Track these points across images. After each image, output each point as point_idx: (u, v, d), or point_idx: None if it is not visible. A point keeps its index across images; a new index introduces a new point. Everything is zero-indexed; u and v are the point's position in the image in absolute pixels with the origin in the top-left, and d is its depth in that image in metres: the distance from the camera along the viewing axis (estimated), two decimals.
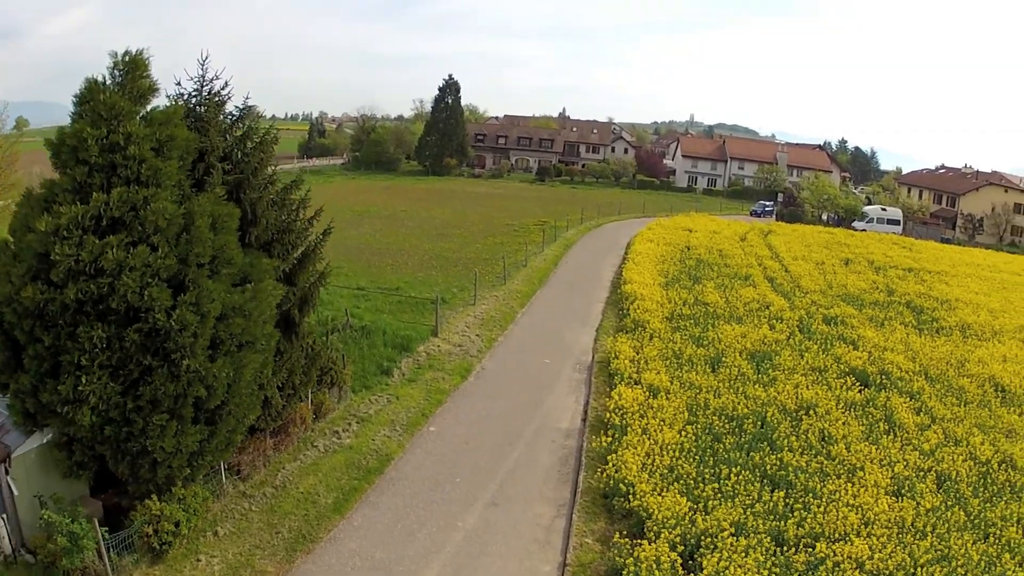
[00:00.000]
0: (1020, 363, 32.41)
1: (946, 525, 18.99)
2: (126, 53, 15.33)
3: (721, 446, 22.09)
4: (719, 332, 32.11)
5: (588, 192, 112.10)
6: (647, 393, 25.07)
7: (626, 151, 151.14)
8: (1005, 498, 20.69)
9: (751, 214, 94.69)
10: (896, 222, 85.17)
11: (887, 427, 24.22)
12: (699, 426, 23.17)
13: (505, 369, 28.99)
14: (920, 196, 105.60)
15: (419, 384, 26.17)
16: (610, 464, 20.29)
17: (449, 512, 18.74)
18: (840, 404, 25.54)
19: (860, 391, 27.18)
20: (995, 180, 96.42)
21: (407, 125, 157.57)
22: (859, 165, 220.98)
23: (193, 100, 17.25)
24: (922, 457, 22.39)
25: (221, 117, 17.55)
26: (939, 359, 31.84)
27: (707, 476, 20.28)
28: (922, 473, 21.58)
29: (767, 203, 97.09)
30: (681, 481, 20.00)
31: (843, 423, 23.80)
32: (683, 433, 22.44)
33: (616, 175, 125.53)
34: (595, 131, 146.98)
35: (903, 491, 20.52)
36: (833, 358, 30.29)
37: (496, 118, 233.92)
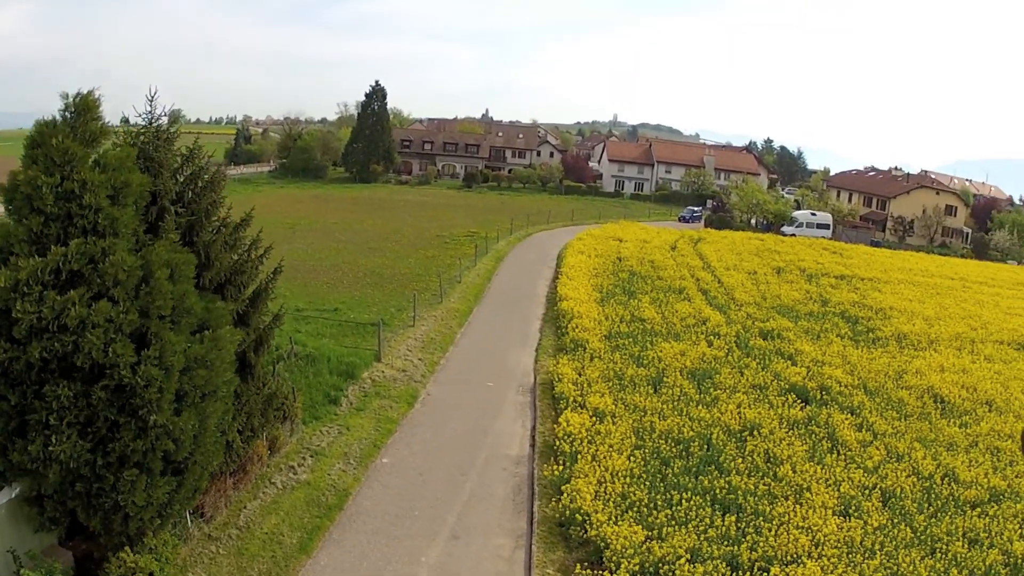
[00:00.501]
0: (957, 372, 33.59)
1: (894, 543, 19.62)
2: (77, 95, 15.01)
3: (670, 470, 22.44)
4: (658, 350, 32.57)
5: (516, 199, 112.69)
6: (593, 418, 25.33)
7: (552, 155, 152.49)
8: (949, 513, 21.45)
9: (680, 220, 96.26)
10: (826, 226, 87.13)
11: (830, 445, 24.88)
12: (647, 450, 23.50)
13: (450, 395, 29.02)
14: (850, 199, 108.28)
15: (368, 413, 26.04)
16: (565, 494, 20.49)
17: (412, 547, 18.74)
18: (783, 423, 26.15)
19: (801, 408, 27.89)
20: (926, 183, 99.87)
21: (333, 131, 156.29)
22: (785, 165, 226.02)
23: (141, 138, 16.92)
24: (866, 475, 23.06)
25: (170, 156, 17.25)
26: (877, 371, 32.82)
27: (659, 502, 20.57)
28: (867, 491, 22.24)
29: (695, 208, 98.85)
30: (635, 508, 20.28)
31: (787, 443, 24.37)
32: (632, 459, 22.74)
33: (543, 180, 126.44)
34: (521, 136, 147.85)
35: (850, 511, 21.13)
36: (772, 374, 31.01)
37: (421, 121, 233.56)
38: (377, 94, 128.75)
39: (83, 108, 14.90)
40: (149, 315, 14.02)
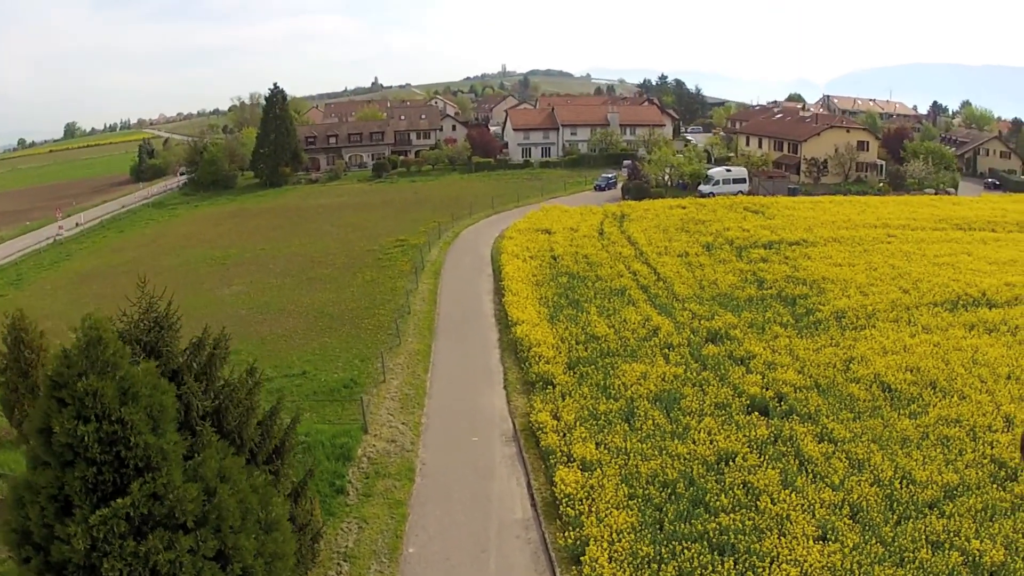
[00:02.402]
0: (899, 352, 36.05)
1: (869, 560, 21.80)
2: (88, 318, 15.38)
3: (665, 517, 24.26)
4: (620, 375, 34.31)
5: (430, 185, 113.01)
6: (583, 472, 26.94)
7: (454, 127, 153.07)
8: (911, 518, 23.74)
9: (596, 188, 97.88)
10: (742, 180, 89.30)
11: (798, 464, 27.00)
12: (640, 499, 25.26)
13: (443, 459, 30.21)
14: (760, 144, 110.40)
15: (376, 499, 27.13)
16: (585, 565, 22.09)
17: None
18: (752, 446, 28.16)
19: (766, 424, 29.95)
20: (836, 123, 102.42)
21: (237, 136, 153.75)
22: (685, 102, 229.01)
23: (147, 336, 17.53)
24: (834, 492, 25.20)
25: (180, 349, 17.93)
26: (824, 364, 35.06)
27: (665, 555, 22.39)
28: (838, 509, 24.40)
29: (609, 176, 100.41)
30: (646, 566, 22.03)
31: (761, 470, 26.34)
32: (629, 511, 24.48)
33: (451, 160, 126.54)
34: (423, 116, 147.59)
35: (827, 535, 23.23)
36: (731, 388, 32.99)
37: (316, 106, 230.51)
38: (277, 97, 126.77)
39: (96, 339, 15.29)
40: (221, 531, 14.93)
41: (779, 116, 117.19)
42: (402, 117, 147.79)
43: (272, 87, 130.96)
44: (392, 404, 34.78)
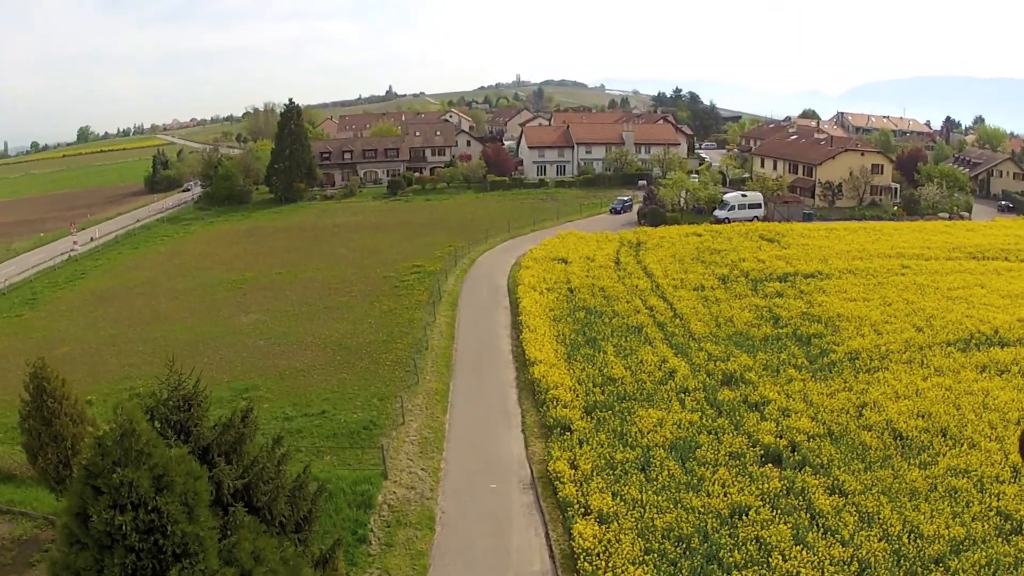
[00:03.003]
0: (911, 397, 36.81)
1: None
2: (121, 408, 16.04)
3: (679, 573, 24.99)
4: (637, 421, 35.04)
5: (445, 204, 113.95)
6: (600, 525, 27.68)
7: (469, 143, 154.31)
8: (917, 575, 24.43)
9: (611, 211, 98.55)
10: (757, 205, 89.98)
11: (809, 518, 27.67)
12: (655, 555, 25.97)
13: (463, 508, 30.98)
14: (775, 166, 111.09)
15: (398, 549, 27.91)
16: None
17: None
18: (765, 499, 28.84)
19: (779, 476, 30.61)
20: (851, 146, 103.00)
21: (252, 150, 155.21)
22: (700, 117, 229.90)
23: (177, 416, 18.29)
24: (843, 548, 25.87)
25: (211, 427, 18.73)
26: (838, 410, 35.83)
27: None
28: (846, 566, 25.06)
29: (624, 198, 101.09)
30: None
31: (774, 525, 27.01)
32: (645, 567, 25.20)
33: (467, 178, 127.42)
34: (438, 133, 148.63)
35: None
36: (746, 436, 33.68)
37: (331, 118, 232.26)
38: (293, 113, 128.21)
39: (129, 430, 15.99)
40: None
41: (794, 137, 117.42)
42: (417, 133, 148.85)
43: (287, 102, 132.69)
44: (411, 448, 35.57)
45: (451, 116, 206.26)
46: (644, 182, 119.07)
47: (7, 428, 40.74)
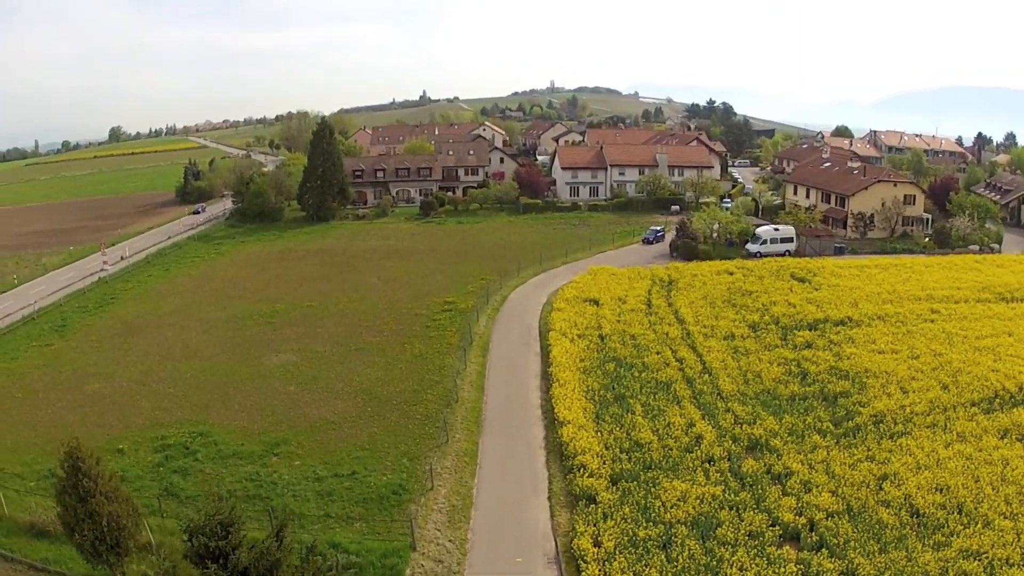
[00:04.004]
0: (931, 468, 37.90)
1: None
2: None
3: None
4: (662, 494, 36.28)
5: (477, 228, 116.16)
6: None
7: (502, 160, 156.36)
8: None
9: (643, 241, 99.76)
10: (789, 240, 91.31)
11: None
12: None
13: None
14: (808, 195, 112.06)
15: None
16: None
17: None
18: None
19: (795, 560, 31.73)
20: (883, 176, 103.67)
21: (284, 165, 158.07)
22: (733, 132, 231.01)
23: (215, 542, 19.84)
24: None
25: (248, 549, 20.30)
26: (858, 483, 36.95)
27: None
28: None
29: (657, 228, 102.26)
30: None
31: None
32: None
33: (499, 200, 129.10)
34: (471, 152, 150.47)
35: None
36: (765, 513, 34.83)
37: (364, 128, 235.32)
38: (326, 131, 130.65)
39: None
40: None
41: (827, 165, 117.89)
42: (450, 152, 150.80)
43: (320, 120, 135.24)
44: (439, 517, 37.07)
45: (484, 130, 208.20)
46: (677, 207, 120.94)
47: (39, 475, 42.95)
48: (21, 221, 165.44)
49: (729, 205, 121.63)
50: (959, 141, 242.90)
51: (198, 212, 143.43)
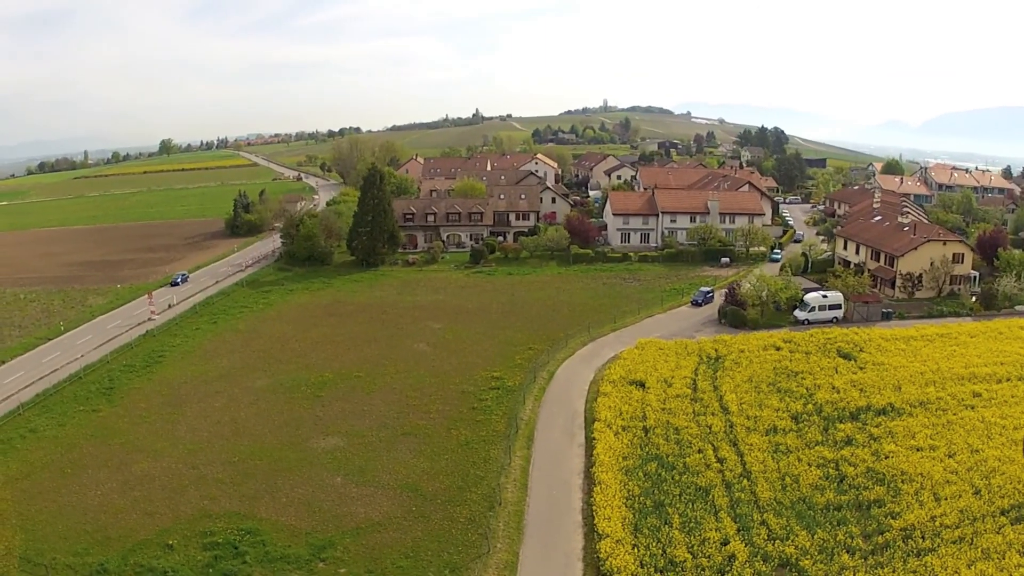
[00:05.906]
0: None
1: None
2: None
3: None
4: None
5: (527, 280, 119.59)
6: None
7: (554, 200, 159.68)
8: None
9: (692, 303, 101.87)
10: (837, 306, 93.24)
11: None
12: None
13: None
14: (858, 251, 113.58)
15: None
16: None
17: None
18: None
19: None
20: (934, 236, 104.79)
21: (335, 203, 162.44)
22: (784, 166, 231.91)
23: None
24: None
25: None
26: None
27: None
28: None
29: (706, 289, 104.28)
30: None
31: None
32: None
33: (550, 249, 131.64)
34: (523, 196, 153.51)
35: None
36: None
37: (416, 157, 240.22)
38: (376, 176, 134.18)
39: None
40: None
41: (877, 219, 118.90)
42: (501, 196, 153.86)
43: (371, 167, 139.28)
44: None
45: (536, 166, 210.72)
46: (727, 260, 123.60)
47: (90, 569, 46.59)
48: (68, 248, 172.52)
49: (779, 257, 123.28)
50: (1007, 172, 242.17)
51: (176, 283, 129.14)
